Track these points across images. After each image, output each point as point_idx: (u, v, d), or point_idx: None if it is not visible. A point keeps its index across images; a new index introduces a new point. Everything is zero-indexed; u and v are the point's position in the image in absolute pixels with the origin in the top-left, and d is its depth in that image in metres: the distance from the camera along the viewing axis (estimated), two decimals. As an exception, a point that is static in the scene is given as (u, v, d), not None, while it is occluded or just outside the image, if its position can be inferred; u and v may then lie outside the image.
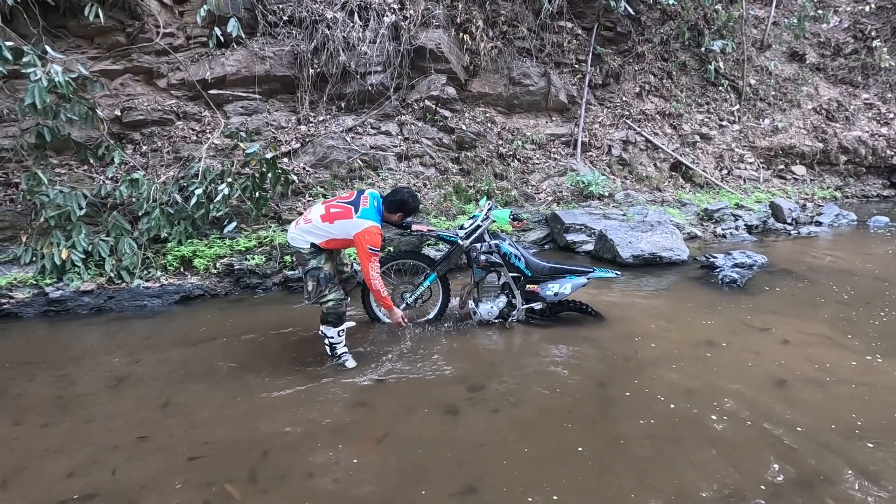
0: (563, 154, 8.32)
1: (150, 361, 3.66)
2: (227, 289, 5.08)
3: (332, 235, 3.34)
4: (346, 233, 3.32)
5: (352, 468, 2.48)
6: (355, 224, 3.29)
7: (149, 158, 5.99)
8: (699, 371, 3.38)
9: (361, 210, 3.34)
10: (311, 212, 3.43)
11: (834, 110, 10.70)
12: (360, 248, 3.31)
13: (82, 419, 2.96)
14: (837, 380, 3.23)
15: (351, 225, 3.30)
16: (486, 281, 4.13)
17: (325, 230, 3.33)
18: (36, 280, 4.65)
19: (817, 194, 9.97)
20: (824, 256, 6.21)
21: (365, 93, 7.11)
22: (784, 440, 2.61)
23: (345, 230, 3.31)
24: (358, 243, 3.30)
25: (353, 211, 3.33)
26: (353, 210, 3.34)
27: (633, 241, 5.97)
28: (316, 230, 3.34)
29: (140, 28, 6.32)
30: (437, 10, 7.50)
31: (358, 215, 3.32)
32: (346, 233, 3.32)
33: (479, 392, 3.19)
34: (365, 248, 3.29)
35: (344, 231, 3.32)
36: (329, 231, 3.33)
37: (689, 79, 10.11)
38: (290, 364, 3.54)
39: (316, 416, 2.91)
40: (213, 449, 2.65)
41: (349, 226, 3.30)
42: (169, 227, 5.22)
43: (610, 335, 3.98)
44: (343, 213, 3.33)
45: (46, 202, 4.83)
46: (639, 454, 2.53)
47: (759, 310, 4.46)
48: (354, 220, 3.30)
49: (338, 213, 3.34)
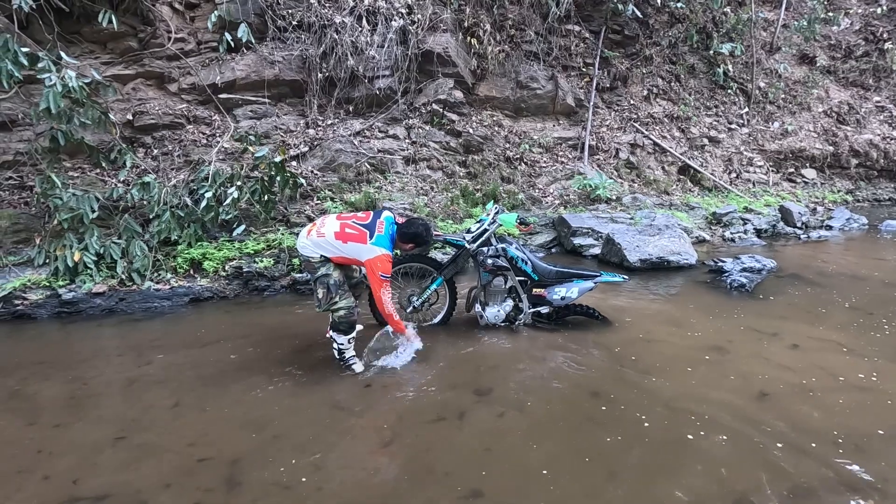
0: (570, 157, 8.32)
1: (160, 363, 3.71)
2: (235, 291, 5.13)
3: (342, 254, 3.38)
4: (357, 255, 3.36)
5: (358, 471, 2.50)
6: (368, 250, 3.32)
7: (160, 162, 6.07)
8: (707, 377, 3.37)
9: (376, 237, 3.36)
10: (325, 224, 3.44)
11: (845, 113, 10.61)
12: (371, 274, 3.35)
13: (94, 420, 3.01)
14: (847, 387, 3.20)
15: (364, 250, 3.33)
16: (493, 285, 4.14)
17: (337, 248, 3.36)
18: (49, 282, 4.72)
19: (828, 198, 9.88)
20: (834, 261, 6.16)
21: (373, 96, 7.16)
22: (792, 447, 2.59)
23: (357, 253, 3.35)
24: (369, 269, 3.35)
25: (368, 236, 3.35)
26: (367, 235, 3.36)
27: (641, 244, 5.95)
28: (328, 245, 3.36)
29: (152, 33, 6.42)
30: (444, 15, 7.54)
31: (372, 241, 3.34)
32: (357, 255, 3.36)
33: (485, 396, 3.19)
34: (377, 275, 3.33)
35: (356, 253, 3.35)
36: (341, 250, 3.36)
37: (698, 82, 10.07)
38: (298, 367, 3.57)
39: (323, 419, 2.93)
40: (221, 450, 2.68)
41: (362, 250, 3.33)
42: (179, 229, 5.29)
43: (617, 340, 3.97)
44: (358, 236, 3.35)
45: (60, 205, 4.91)
46: (645, 461, 2.53)
47: (767, 315, 4.43)
48: (367, 246, 3.33)
49: (352, 234, 3.36)
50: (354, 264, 3.53)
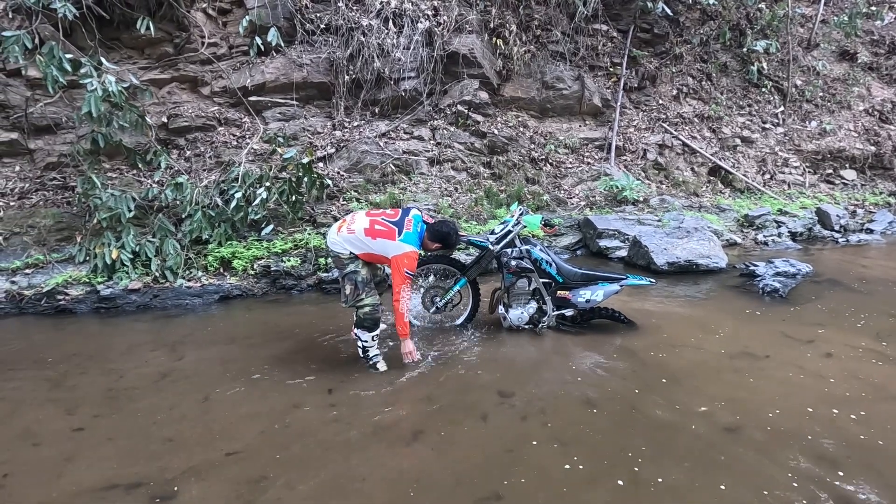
0: (596, 158, 8.21)
1: (191, 358, 3.83)
2: (263, 289, 5.25)
3: (371, 251, 3.41)
4: (385, 252, 3.39)
5: (380, 469, 2.53)
6: (397, 246, 3.35)
7: (192, 163, 6.26)
8: (737, 385, 3.27)
9: (405, 234, 3.40)
10: (355, 221, 3.47)
11: (888, 112, 10.16)
12: (396, 270, 3.37)
13: (130, 411, 3.12)
14: (884, 397, 3.06)
15: (392, 246, 3.36)
16: (517, 286, 4.12)
17: (366, 244, 3.40)
18: (89, 278, 4.93)
19: (868, 200, 9.47)
20: (875, 266, 5.90)
21: (398, 98, 7.22)
22: (826, 459, 2.50)
23: (384, 249, 3.38)
24: (395, 265, 3.36)
25: (397, 233, 3.39)
26: (396, 232, 3.39)
27: (669, 247, 5.83)
28: (357, 242, 3.41)
29: (186, 39, 6.63)
30: (470, 16, 7.55)
31: (401, 238, 3.37)
32: (385, 252, 3.39)
33: (509, 398, 3.18)
34: (402, 271, 3.35)
35: (383, 250, 3.39)
36: (370, 246, 3.40)
37: (730, 80, 9.80)
38: (322, 364, 3.63)
39: (346, 417, 2.97)
40: (248, 444, 2.74)
41: (390, 246, 3.36)
42: (210, 229, 5.45)
43: (643, 344, 3.90)
44: (387, 232, 3.39)
45: (99, 204, 5.12)
46: (669, 472, 2.47)
47: (802, 321, 4.28)
48: (396, 243, 3.36)
49: (381, 231, 3.40)
50: (380, 262, 3.57)
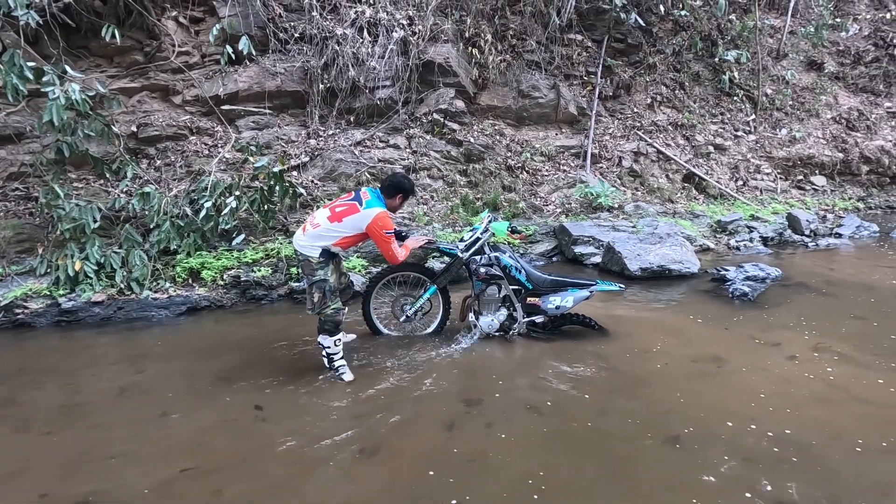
0: (572, 166, 8.28)
1: (152, 372, 3.72)
2: (233, 300, 5.15)
3: (343, 234, 3.42)
4: (356, 228, 3.41)
5: (343, 481, 2.47)
6: (364, 216, 3.38)
7: (162, 172, 6.16)
8: (703, 388, 3.29)
9: (366, 202, 3.43)
10: (316, 217, 3.50)
11: (855, 119, 10.45)
12: (377, 237, 3.42)
13: (84, 427, 3.01)
14: (845, 398, 3.10)
15: (359, 218, 3.39)
16: (487, 293, 4.10)
17: (335, 230, 3.40)
18: (50, 291, 4.78)
19: (838, 205, 9.71)
20: (841, 270, 6.02)
21: (374, 107, 7.21)
22: (785, 459, 2.51)
23: (355, 225, 3.41)
24: (373, 233, 3.40)
25: (359, 205, 3.43)
26: (357, 204, 3.43)
27: (642, 253, 5.88)
28: (326, 233, 3.41)
29: (157, 47, 6.54)
30: (445, 25, 7.60)
31: (364, 208, 3.41)
32: (356, 228, 3.41)
33: (475, 407, 3.15)
34: (381, 234, 3.40)
35: (354, 227, 3.41)
36: (339, 230, 3.41)
37: (703, 89, 10.01)
38: (288, 376, 3.55)
39: (310, 429, 2.90)
40: (204, 460, 2.66)
41: (358, 220, 3.39)
42: (179, 239, 5.34)
43: (613, 350, 3.91)
44: (349, 209, 3.42)
45: (63, 215, 4.98)
46: (635, 478, 2.46)
47: (769, 324, 4.33)
48: (362, 213, 3.39)
49: (344, 210, 3.42)
50: (360, 241, 3.59)
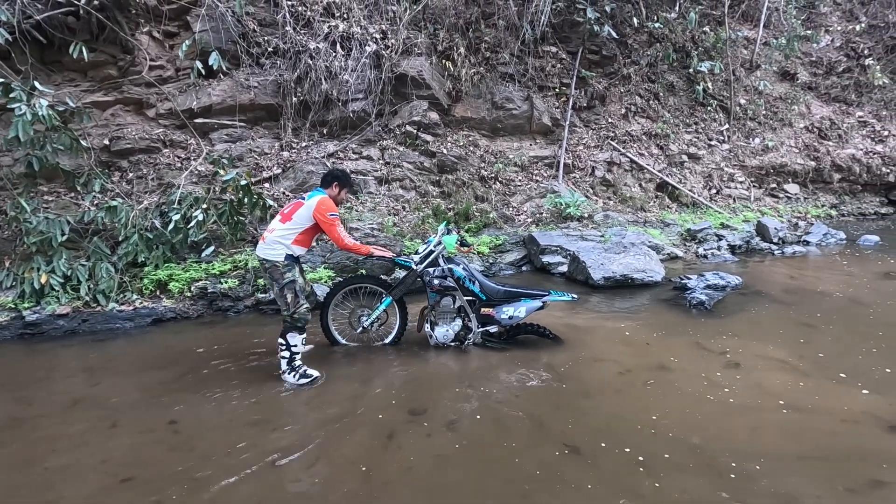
0: (545, 176, 8.40)
1: (107, 384, 3.77)
2: (199, 311, 5.21)
3: (298, 228, 3.69)
4: (306, 219, 3.69)
5: (278, 490, 2.53)
6: (308, 206, 3.70)
7: (134, 185, 6.22)
8: (643, 397, 3.36)
9: (308, 196, 3.80)
10: (271, 224, 3.81)
11: (827, 128, 10.65)
12: (323, 221, 3.68)
13: (31, 440, 3.06)
14: (774, 407, 3.18)
15: (305, 209, 3.70)
16: (442, 304, 4.18)
17: (289, 228, 3.69)
18: (15, 304, 4.83)
19: (811, 213, 9.87)
20: (802, 277, 6.14)
21: (347, 119, 7.32)
22: (710, 468, 2.59)
23: (304, 217, 3.70)
24: (319, 218, 3.68)
25: (303, 200, 3.78)
26: (302, 201, 3.78)
27: (606, 262, 5.98)
28: (282, 234, 3.68)
29: (131, 61, 6.63)
30: (419, 39, 7.74)
31: (307, 199, 3.76)
32: (306, 219, 3.69)
33: (419, 416, 3.21)
34: (326, 217, 3.68)
35: (304, 219, 3.69)
36: (292, 227, 3.68)
37: (677, 99, 10.18)
38: (240, 386, 3.61)
39: (253, 439, 2.96)
40: (147, 471, 2.72)
41: (305, 210, 3.70)
42: (147, 251, 5.40)
43: (565, 359, 3.98)
44: (295, 206, 3.76)
45: (30, 228, 5.05)
46: (569, 485, 2.52)
47: (720, 332, 4.42)
48: (306, 203, 3.72)
49: (292, 209, 3.76)
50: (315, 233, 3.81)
